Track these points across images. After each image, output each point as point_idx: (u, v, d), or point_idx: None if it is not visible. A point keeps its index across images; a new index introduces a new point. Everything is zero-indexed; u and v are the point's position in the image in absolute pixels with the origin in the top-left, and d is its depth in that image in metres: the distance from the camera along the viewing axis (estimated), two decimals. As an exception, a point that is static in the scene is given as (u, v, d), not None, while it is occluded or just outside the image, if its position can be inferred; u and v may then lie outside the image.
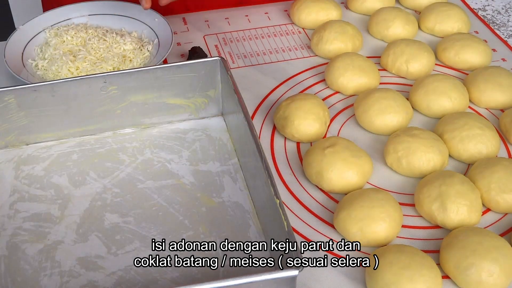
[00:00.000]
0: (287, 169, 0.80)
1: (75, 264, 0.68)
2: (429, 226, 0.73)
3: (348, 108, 0.90)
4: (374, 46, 1.02)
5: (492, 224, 0.73)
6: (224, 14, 1.09)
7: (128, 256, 0.69)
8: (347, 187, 0.76)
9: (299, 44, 1.03)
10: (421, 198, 0.73)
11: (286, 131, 0.83)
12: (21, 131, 0.81)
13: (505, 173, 0.74)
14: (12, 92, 0.77)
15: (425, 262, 0.64)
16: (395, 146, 0.79)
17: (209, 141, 0.83)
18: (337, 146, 0.77)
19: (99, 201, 0.75)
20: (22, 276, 0.67)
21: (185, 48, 1.01)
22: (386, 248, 0.67)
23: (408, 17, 1.03)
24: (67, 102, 0.80)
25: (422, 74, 0.93)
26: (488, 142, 0.80)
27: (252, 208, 0.74)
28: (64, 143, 0.83)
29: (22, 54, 0.95)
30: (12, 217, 0.73)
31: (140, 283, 0.66)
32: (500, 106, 0.89)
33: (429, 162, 0.77)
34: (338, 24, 0.99)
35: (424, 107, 0.87)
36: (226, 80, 0.80)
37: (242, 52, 1.01)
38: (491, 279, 0.64)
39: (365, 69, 0.91)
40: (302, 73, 0.96)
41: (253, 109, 0.89)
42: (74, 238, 0.71)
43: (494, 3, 1.16)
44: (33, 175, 0.79)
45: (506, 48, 1.02)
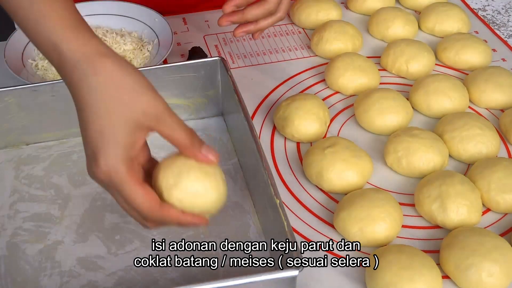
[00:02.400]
0: (287, 169, 0.80)
1: (75, 264, 0.68)
2: (429, 226, 0.73)
3: (348, 108, 0.90)
4: (374, 46, 1.02)
5: (492, 224, 0.73)
6: (224, 14, 1.09)
7: (128, 256, 0.69)
8: (347, 187, 0.76)
9: (299, 44, 1.03)
10: (421, 198, 0.73)
11: (286, 131, 0.83)
12: (21, 131, 0.81)
13: (505, 173, 0.74)
14: (12, 92, 0.78)
15: (425, 262, 0.64)
16: (395, 146, 0.79)
17: (209, 141, 0.83)
18: (337, 146, 0.77)
19: (99, 201, 0.75)
20: (22, 276, 0.67)
21: (185, 48, 1.01)
22: (386, 248, 0.67)
23: (408, 17, 1.03)
24: (67, 102, 0.79)
25: (422, 74, 0.93)
26: (488, 142, 0.80)
27: (252, 208, 0.74)
28: (64, 143, 0.83)
29: (22, 54, 0.95)
30: (12, 217, 0.73)
31: (140, 283, 0.66)
32: (500, 106, 0.89)
33: (429, 162, 0.77)
34: (338, 24, 0.99)
35: (424, 107, 0.87)
36: (226, 80, 0.80)
37: (242, 52, 1.01)
38: (491, 279, 0.64)
39: (365, 69, 0.91)
40: (302, 73, 0.96)
41: (253, 109, 0.89)
42: (74, 238, 0.71)
43: (494, 3, 1.16)
44: (33, 175, 0.79)
45: (506, 48, 1.02)
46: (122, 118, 0.54)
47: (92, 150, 0.55)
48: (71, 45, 0.55)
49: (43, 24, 0.55)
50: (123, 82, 0.55)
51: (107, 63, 0.55)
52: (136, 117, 0.55)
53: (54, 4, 0.56)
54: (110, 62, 0.55)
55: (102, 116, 0.54)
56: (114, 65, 0.55)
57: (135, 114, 0.55)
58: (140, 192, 0.55)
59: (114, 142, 0.54)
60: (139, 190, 0.55)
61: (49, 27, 0.55)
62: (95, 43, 0.56)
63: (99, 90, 0.54)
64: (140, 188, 0.55)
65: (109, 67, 0.55)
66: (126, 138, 0.55)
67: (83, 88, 0.55)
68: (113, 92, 0.54)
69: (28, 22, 0.56)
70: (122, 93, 0.54)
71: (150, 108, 0.55)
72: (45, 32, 0.55)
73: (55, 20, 0.55)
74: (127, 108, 0.54)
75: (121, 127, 0.54)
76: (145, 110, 0.55)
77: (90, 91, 0.54)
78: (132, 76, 0.55)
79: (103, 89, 0.54)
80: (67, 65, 0.55)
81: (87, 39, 0.55)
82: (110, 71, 0.54)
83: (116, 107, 0.54)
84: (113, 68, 0.55)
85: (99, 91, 0.54)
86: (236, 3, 0.82)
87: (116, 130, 0.54)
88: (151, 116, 0.55)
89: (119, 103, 0.54)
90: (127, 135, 0.55)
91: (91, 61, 0.54)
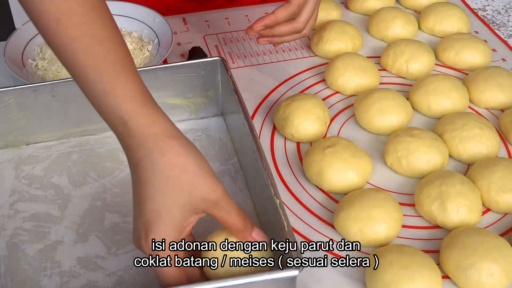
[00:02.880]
0: (287, 169, 0.80)
1: (75, 264, 0.68)
2: (429, 226, 0.73)
3: (348, 108, 0.90)
4: (374, 46, 1.02)
5: (492, 224, 0.73)
6: (224, 14, 1.09)
7: (128, 256, 0.69)
8: (347, 187, 0.76)
9: (299, 44, 1.03)
10: (421, 198, 0.73)
11: (286, 131, 0.83)
12: (21, 131, 0.81)
13: (505, 173, 0.74)
14: (12, 92, 0.78)
15: (425, 262, 0.64)
16: (395, 146, 0.79)
17: (209, 141, 0.83)
18: (337, 146, 0.77)
19: (99, 201, 0.75)
20: (22, 276, 0.67)
21: (185, 48, 1.01)
22: (386, 248, 0.67)
23: (408, 17, 1.03)
24: (67, 102, 0.80)
25: (422, 74, 0.93)
26: (488, 142, 0.80)
27: (252, 208, 0.74)
28: (64, 143, 0.83)
29: (22, 54, 0.95)
30: (12, 217, 0.73)
31: (140, 283, 0.66)
32: (500, 106, 0.89)
33: (429, 162, 0.77)
34: (338, 24, 0.99)
35: (424, 107, 0.87)
36: (226, 80, 0.80)
37: (242, 52, 1.01)
38: (491, 279, 0.64)
39: (365, 69, 0.91)
40: (302, 73, 0.96)
41: (253, 109, 0.89)
42: (74, 238, 0.71)
43: (494, 3, 1.16)
44: (33, 175, 0.79)
45: (506, 48, 1.02)
46: (181, 201, 0.56)
47: (144, 224, 0.56)
48: (140, 123, 0.56)
49: (111, 97, 0.56)
50: (186, 165, 0.56)
51: (173, 144, 0.56)
52: (194, 202, 0.57)
53: (123, 77, 0.56)
54: (177, 144, 0.56)
55: (162, 195, 0.56)
56: (180, 147, 0.57)
57: (193, 199, 0.57)
58: (175, 275, 0.57)
59: (169, 223, 0.56)
60: (174, 273, 0.57)
61: (118, 101, 0.56)
62: (163, 122, 0.57)
63: (163, 170, 0.56)
64: (176, 272, 0.58)
65: (175, 149, 0.56)
66: (180, 220, 0.57)
67: (147, 165, 0.56)
68: (176, 173, 0.56)
69: (96, 91, 0.56)
70: (184, 176, 0.56)
71: (210, 194, 0.57)
72: (114, 105, 0.56)
73: (125, 94, 0.56)
74: (186, 192, 0.56)
75: (178, 210, 0.56)
76: (204, 196, 0.57)
77: (154, 169, 0.56)
78: (195, 159, 0.57)
79: (167, 169, 0.56)
80: (133, 141, 0.56)
81: (156, 117, 0.57)
82: (176, 152, 0.56)
83: (176, 189, 0.56)
84: (179, 151, 0.56)
85: (163, 170, 0.56)
86: (265, 23, 0.85)
87: (173, 212, 0.56)
88: (209, 203, 0.57)
89: (180, 185, 0.56)
90: (181, 217, 0.57)
91: (158, 141, 0.56)
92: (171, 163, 0.56)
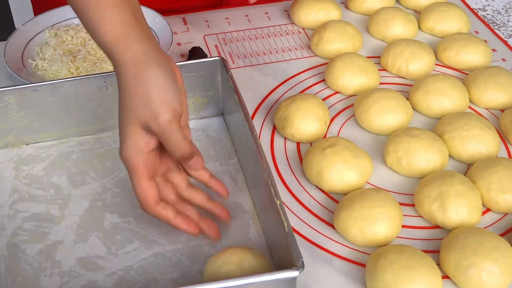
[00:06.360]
0: (287, 169, 0.80)
1: (75, 264, 0.68)
2: (429, 226, 0.73)
3: (348, 108, 0.90)
4: (374, 46, 1.02)
5: (492, 224, 0.73)
6: (224, 14, 1.09)
7: (128, 256, 0.69)
8: (347, 187, 0.76)
9: (299, 44, 1.03)
10: (421, 198, 0.73)
11: (286, 131, 0.83)
12: (21, 131, 0.81)
13: (505, 173, 0.74)
14: (12, 92, 0.78)
15: (425, 262, 0.64)
16: (395, 146, 0.79)
17: (209, 141, 0.83)
18: (337, 146, 0.77)
19: (99, 201, 0.75)
20: (22, 276, 0.67)
21: (185, 48, 1.01)
22: (386, 248, 0.67)
23: (408, 17, 1.03)
24: (67, 102, 0.80)
25: (422, 74, 0.93)
26: (488, 142, 0.80)
27: (252, 208, 0.74)
28: (64, 143, 0.83)
29: (22, 54, 0.95)
30: (12, 217, 0.73)
31: (140, 283, 0.66)
32: (500, 106, 0.89)
33: (429, 162, 0.77)
34: (338, 24, 0.99)
35: (424, 107, 0.87)
36: (226, 80, 0.80)
37: (242, 52, 1.01)
38: (491, 279, 0.64)
39: (365, 69, 0.91)
40: (302, 73, 0.96)
41: (253, 109, 0.89)
42: (74, 238, 0.71)
43: (494, 3, 1.16)
44: (33, 175, 0.79)
45: (506, 48, 1.02)
46: (135, 119, 0.63)
47: (119, 136, 0.65)
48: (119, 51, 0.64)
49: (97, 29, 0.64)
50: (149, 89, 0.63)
51: (144, 69, 0.63)
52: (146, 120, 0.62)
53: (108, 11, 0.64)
54: (147, 68, 0.63)
55: (126, 111, 0.63)
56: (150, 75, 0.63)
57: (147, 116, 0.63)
58: (142, 184, 0.64)
59: (133, 136, 0.63)
60: (142, 182, 0.64)
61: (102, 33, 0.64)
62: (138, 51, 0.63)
63: (130, 88, 0.63)
64: (144, 181, 0.64)
65: (147, 72, 0.63)
66: (141, 135, 0.63)
67: (121, 87, 0.64)
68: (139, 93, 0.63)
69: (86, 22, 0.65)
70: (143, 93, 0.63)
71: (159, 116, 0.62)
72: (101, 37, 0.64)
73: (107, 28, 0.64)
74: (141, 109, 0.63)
75: (135, 126, 0.63)
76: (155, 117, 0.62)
77: (124, 89, 0.64)
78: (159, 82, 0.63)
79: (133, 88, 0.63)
80: (116, 67, 0.64)
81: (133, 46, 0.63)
82: (143, 77, 0.63)
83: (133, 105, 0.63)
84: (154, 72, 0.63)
85: (130, 88, 0.63)
86: None
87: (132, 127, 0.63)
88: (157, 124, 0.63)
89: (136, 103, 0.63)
90: (141, 133, 0.63)
91: (132, 67, 0.63)
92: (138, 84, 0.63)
